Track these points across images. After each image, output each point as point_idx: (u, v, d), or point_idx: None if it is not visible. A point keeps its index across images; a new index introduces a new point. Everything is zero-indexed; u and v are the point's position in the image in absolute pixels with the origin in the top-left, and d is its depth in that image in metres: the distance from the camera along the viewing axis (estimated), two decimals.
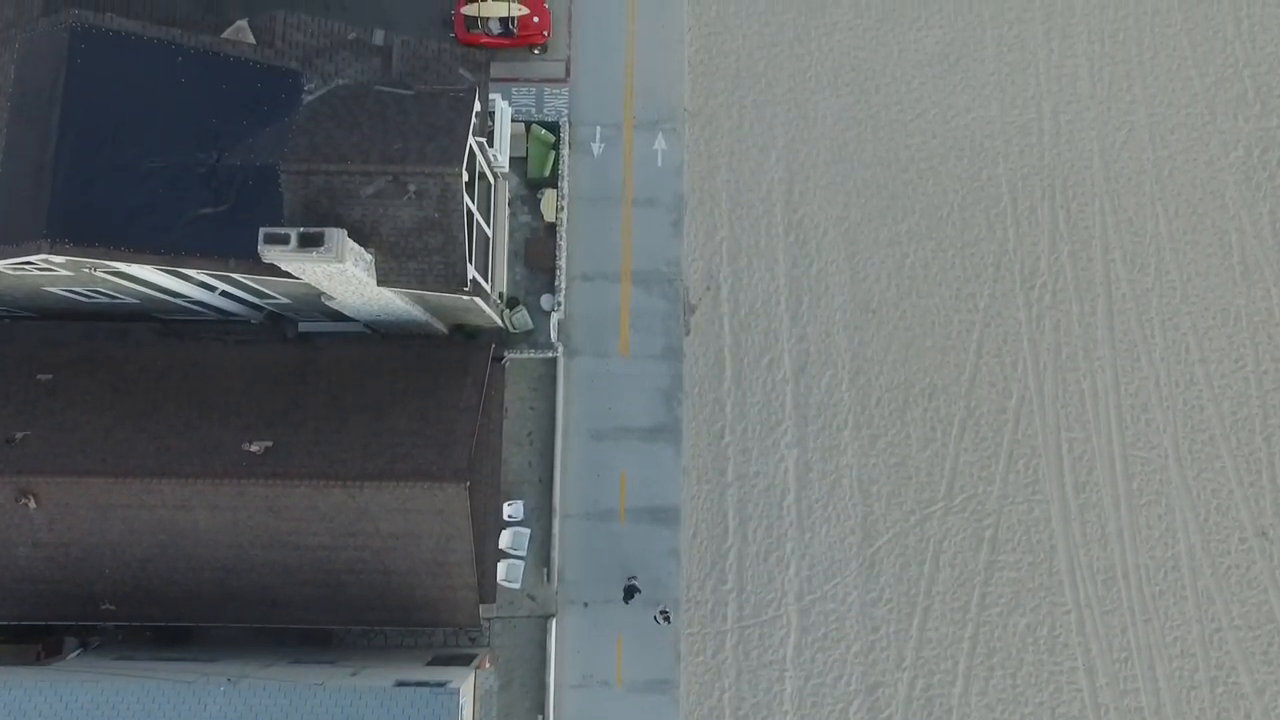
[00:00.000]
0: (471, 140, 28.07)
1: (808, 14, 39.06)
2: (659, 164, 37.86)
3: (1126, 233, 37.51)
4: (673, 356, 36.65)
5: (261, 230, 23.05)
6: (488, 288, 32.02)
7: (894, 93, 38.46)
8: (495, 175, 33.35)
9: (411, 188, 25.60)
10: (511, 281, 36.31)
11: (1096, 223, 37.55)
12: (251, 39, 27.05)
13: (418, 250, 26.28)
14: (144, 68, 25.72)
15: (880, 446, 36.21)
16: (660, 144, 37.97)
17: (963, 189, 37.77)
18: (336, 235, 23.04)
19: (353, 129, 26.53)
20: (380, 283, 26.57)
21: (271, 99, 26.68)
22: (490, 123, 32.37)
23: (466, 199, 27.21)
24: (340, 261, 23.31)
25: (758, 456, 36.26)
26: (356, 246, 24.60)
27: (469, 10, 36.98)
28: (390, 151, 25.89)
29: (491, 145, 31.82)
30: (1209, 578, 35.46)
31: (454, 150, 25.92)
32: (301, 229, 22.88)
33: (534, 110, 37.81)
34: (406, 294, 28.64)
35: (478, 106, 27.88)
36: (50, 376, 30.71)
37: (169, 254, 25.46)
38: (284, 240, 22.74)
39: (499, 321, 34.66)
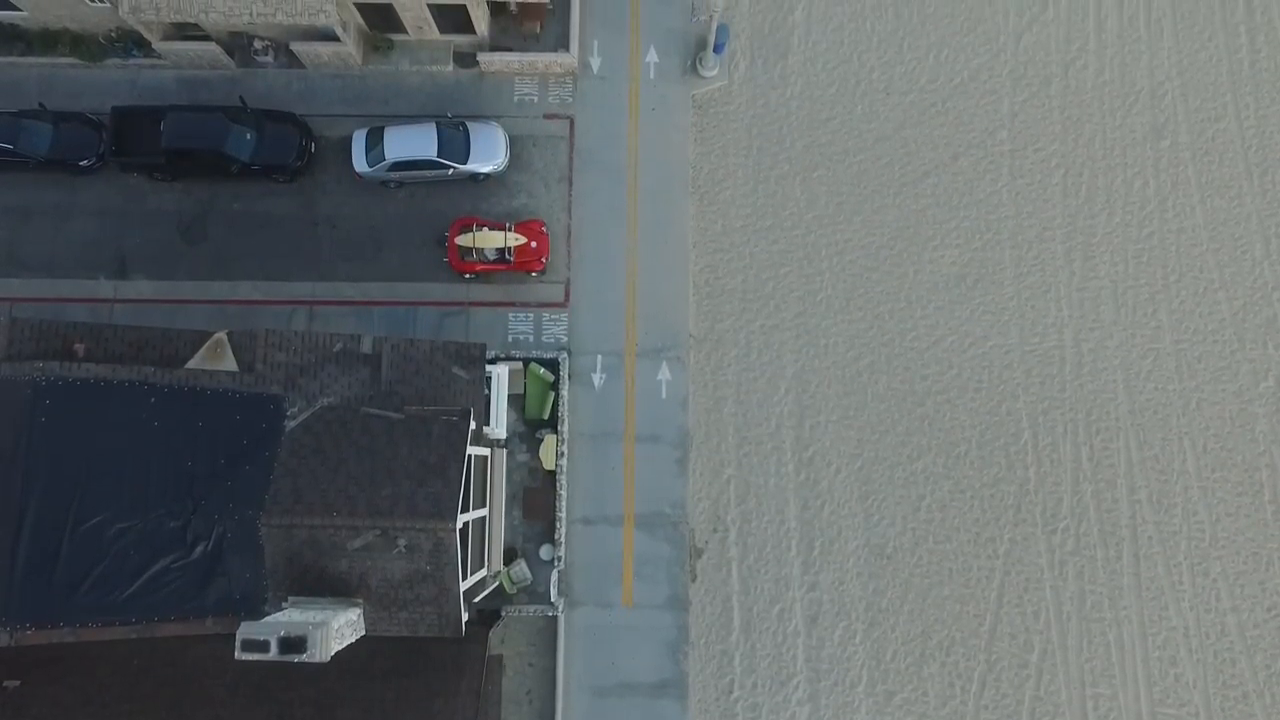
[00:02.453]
0: (467, 452, 26.34)
1: (818, 231, 37.33)
2: (663, 395, 36.06)
3: (1152, 470, 35.80)
4: (678, 606, 34.87)
5: (239, 637, 21.26)
6: (485, 574, 30.30)
7: (909, 318, 36.72)
8: (493, 446, 31.59)
9: (401, 542, 23.85)
10: (509, 528, 34.55)
11: (1121, 460, 35.85)
12: (233, 365, 25.21)
13: (409, 601, 24.53)
14: (113, 415, 23.87)
15: (896, 703, 34.49)
16: (664, 374, 36.16)
17: (981, 424, 36.06)
18: (319, 636, 21.27)
19: (338, 467, 24.73)
20: (369, 631, 24.81)
21: (251, 431, 24.86)
22: (486, 390, 30.68)
23: (460, 521, 25.42)
24: (324, 659, 21.56)
25: (768, 713, 34.53)
26: (341, 622, 22.83)
27: (463, 241, 35.23)
28: (378, 500, 24.10)
29: (488, 423, 30.13)
30: None
31: (447, 500, 24.13)
32: (282, 634, 21.10)
33: (532, 338, 36.15)
34: None
35: (473, 425, 26.11)
36: (19, 683, 28.84)
37: (141, 621, 23.74)
38: (263, 648, 20.98)
39: (496, 582, 32.98)
